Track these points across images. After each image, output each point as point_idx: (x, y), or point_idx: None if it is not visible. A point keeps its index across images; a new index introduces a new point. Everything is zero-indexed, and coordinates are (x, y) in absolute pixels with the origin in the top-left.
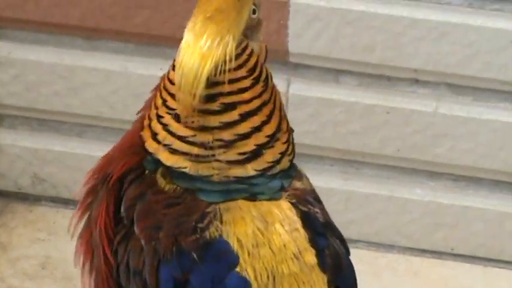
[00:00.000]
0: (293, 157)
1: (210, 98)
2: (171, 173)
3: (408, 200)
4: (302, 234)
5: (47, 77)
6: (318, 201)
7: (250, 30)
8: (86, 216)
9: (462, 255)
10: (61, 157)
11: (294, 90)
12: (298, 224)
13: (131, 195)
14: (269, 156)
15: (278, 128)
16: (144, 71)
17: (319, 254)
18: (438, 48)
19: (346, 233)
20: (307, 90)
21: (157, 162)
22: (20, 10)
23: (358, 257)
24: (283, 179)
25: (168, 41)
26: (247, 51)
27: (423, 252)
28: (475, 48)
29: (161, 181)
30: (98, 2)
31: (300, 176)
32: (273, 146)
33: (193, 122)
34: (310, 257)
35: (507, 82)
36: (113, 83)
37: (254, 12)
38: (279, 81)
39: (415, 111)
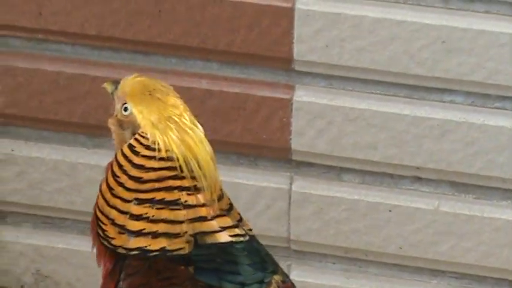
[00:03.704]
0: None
1: None
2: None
3: None
4: None
5: (50, 174)
6: None
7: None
8: None
9: None
10: (64, 254)
11: (296, 187)
12: None
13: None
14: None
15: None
16: None
17: None
18: (440, 146)
19: None
20: (310, 188)
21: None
22: (24, 107)
23: None
24: (262, 270)
25: None
26: None
27: None
28: (477, 146)
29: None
30: (100, 100)
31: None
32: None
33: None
34: None
35: (509, 180)
36: None
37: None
38: (281, 178)
39: (417, 209)
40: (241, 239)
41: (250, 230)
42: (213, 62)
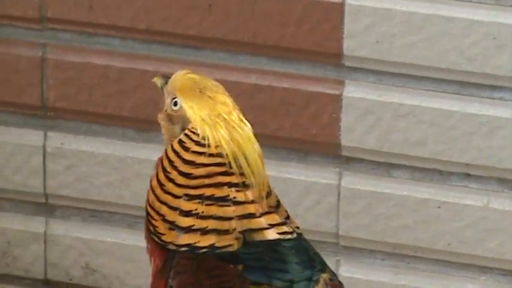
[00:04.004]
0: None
1: None
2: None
3: None
4: None
5: (99, 168)
6: None
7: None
8: None
9: None
10: (112, 248)
11: (345, 183)
12: None
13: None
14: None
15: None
16: None
17: None
18: (490, 143)
19: None
20: (359, 184)
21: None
22: (73, 101)
23: None
24: (311, 269)
25: None
26: None
27: None
28: None
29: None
30: (150, 94)
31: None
32: None
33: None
34: None
35: None
36: None
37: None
38: (331, 174)
39: (466, 206)
40: (289, 236)
41: (298, 227)
42: (262, 56)
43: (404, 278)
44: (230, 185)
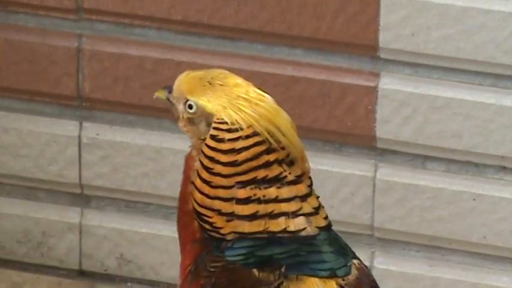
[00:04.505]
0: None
1: None
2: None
3: None
4: None
5: (134, 159)
6: None
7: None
8: None
9: None
10: (147, 239)
11: (381, 175)
12: None
13: None
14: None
15: None
16: None
17: None
18: None
19: None
20: (394, 176)
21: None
22: (109, 92)
23: None
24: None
25: None
26: None
27: None
28: None
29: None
30: None
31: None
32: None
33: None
34: None
35: None
36: None
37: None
38: (366, 166)
39: (501, 199)
40: (323, 224)
41: (326, 217)
42: (298, 48)
43: (439, 270)
44: (279, 161)
